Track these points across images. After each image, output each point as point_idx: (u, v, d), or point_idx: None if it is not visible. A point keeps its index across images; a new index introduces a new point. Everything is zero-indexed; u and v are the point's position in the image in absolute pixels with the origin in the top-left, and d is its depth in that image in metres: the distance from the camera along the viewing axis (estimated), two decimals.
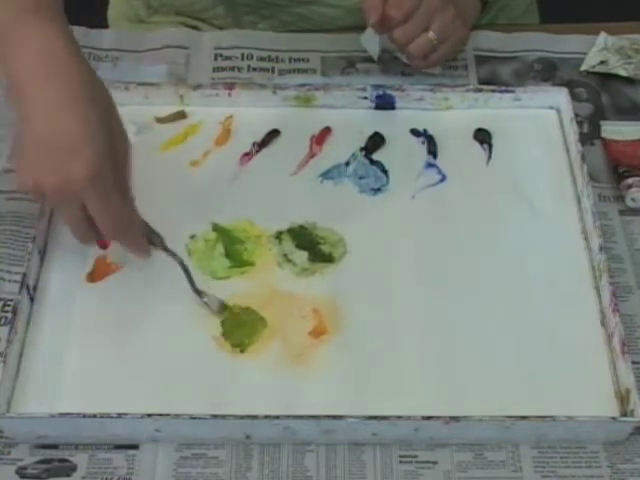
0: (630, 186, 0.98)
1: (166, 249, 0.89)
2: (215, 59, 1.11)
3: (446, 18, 1.02)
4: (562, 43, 1.13)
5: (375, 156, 1.01)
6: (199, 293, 0.88)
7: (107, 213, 0.82)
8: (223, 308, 0.88)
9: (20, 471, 0.81)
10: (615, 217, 0.98)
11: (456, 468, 0.82)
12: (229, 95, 1.04)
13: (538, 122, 1.04)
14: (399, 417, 0.80)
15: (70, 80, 0.80)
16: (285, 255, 0.93)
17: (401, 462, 0.82)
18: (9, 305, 0.89)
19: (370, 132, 1.02)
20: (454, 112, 1.04)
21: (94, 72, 0.83)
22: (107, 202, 0.82)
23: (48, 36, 0.81)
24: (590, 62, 1.11)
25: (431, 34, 1.01)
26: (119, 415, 0.80)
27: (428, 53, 1.03)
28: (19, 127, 0.81)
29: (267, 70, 1.11)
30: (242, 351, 0.86)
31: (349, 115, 1.04)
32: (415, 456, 0.82)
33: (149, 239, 0.88)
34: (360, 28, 1.05)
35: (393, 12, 1.00)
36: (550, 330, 0.88)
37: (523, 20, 1.26)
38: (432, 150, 1.01)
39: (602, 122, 1.05)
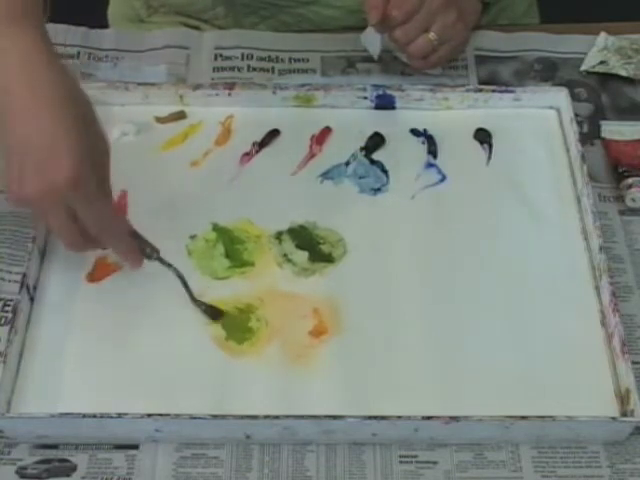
0: (630, 186, 0.98)
1: (161, 260, 0.89)
2: (215, 59, 1.11)
3: (447, 20, 1.02)
4: (562, 43, 1.13)
5: (375, 156, 1.01)
6: (197, 302, 0.88)
7: (94, 213, 0.82)
8: (220, 315, 0.88)
9: (20, 471, 0.81)
10: (615, 217, 0.97)
11: (456, 468, 0.82)
12: (229, 95, 1.04)
13: (538, 122, 1.04)
14: (399, 417, 0.80)
15: (49, 86, 0.80)
16: (285, 255, 0.93)
17: (401, 462, 0.82)
18: (9, 305, 0.89)
19: (370, 132, 1.02)
20: (454, 112, 1.04)
21: (73, 77, 0.83)
22: (92, 203, 0.81)
23: (29, 45, 0.81)
24: (590, 62, 1.11)
25: (432, 35, 1.01)
26: (119, 415, 0.80)
27: (428, 54, 1.03)
28: (4, 141, 0.81)
29: (267, 70, 1.11)
30: (240, 343, 0.87)
31: (349, 115, 1.04)
32: (415, 456, 0.82)
33: (143, 251, 0.88)
34: (360, 28, 1.05)
35: (395, 12, 1.00)
36: (550, 330, 0.88)
37: (523, 20, 1.26)
38: (432, 150, 1.01)
39: (602, 122, 1.05)
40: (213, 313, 0.88)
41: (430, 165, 1.00)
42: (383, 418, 0.80)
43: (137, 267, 0.88)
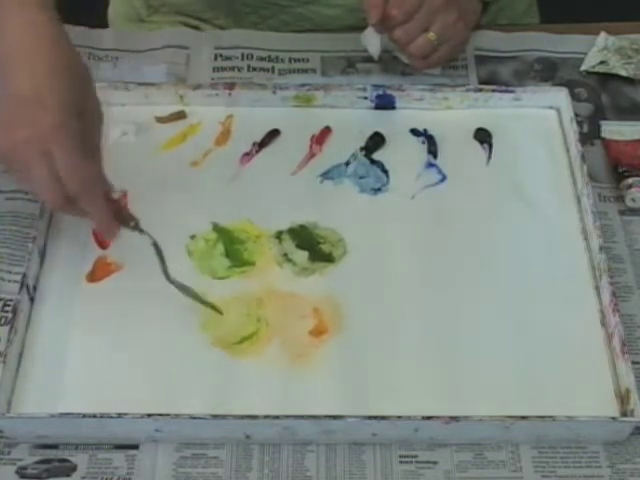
0: (630, 186, 0.98)
1: (140, 229, 0.89)
2: (215, 59, 1.11)
3: (448, 19, 1.02)
4: (562, 43, 1.13)
5: (375, 156, 1.01)
6: (169, 279, 0.88)
7: (74, 169, 0.82)
8: (194, 293, 0.88)
9: (20, 471, 0.81)
10: (615, 217, 0.98)
11: (456, 468, 0.82)
12: (229, 95, 1.04)
13: (538, 122, 1.04)
14: (399, 417, 0.80)
15: (49, 50, 0.84)
16: (285, 255, 0.93)
17: (401, 462, 0.82)
18: (9, 305, 0.89)
19: (370, 132, 1.02)
20: (454, 112, 1.04)
21: (73, 48, 0.86)
22: (72, 152, 0.82)
23: (37, 18, 0.85)
24: (590, 62, 1.11)
25: (431, 34, 1.01)
26: (119, 415, 0.80)
27: (428, 53, 1.03)
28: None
29: (267, 70, 1.11)
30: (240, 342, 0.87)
31: (349, 115, 1.04)
32: (415, 456, 0.82)
33: (123, 219, 0.88)
34: (361, 28, 1.05)
35: (394, 12, 1.00)
36: (550, 330, 0.88)
37: (523, 20, 1.26)
38: (432, 150, 1.01)
39: (602, 122, 1.05)
40: (188, 291, 0.88)
41: (430, 165, 1.00)
42: (383, 418, 0.80)
43: (111, 237, 0.89)
